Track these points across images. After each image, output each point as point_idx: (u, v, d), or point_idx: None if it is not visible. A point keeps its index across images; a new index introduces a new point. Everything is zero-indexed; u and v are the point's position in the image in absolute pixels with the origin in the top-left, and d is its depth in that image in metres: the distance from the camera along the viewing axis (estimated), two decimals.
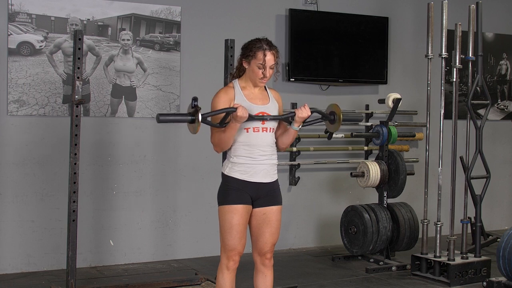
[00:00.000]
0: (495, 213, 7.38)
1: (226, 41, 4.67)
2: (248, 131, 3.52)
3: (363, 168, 5.73)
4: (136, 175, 5.63)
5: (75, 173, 4.32)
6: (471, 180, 5.38)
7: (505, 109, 7.45)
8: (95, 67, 5.44)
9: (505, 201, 7.50)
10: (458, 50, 5.31)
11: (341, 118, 3.66)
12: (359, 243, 5.59)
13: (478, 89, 5.41)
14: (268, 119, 3.55)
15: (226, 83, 4.52)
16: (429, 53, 5.37)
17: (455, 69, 5.31)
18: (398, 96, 5.78)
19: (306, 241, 6.40)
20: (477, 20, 5.38)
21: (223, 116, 3.44)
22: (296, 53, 6.07)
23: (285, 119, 3.64)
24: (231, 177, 3.54)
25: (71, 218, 4.32)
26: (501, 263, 4.57)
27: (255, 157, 3.53)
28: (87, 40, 5.37)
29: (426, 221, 5.40)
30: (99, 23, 5.44)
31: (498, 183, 7.24)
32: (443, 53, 5.26)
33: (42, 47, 5.25)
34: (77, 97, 4.28)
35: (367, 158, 6.55)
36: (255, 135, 3.53)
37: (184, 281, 4.91)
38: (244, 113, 3.38)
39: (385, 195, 5.75)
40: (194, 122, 3.36)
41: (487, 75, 7.25)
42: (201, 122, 3.34)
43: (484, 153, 5.43)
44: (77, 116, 4.29)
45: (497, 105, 7.39)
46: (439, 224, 5.28)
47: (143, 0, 5.59)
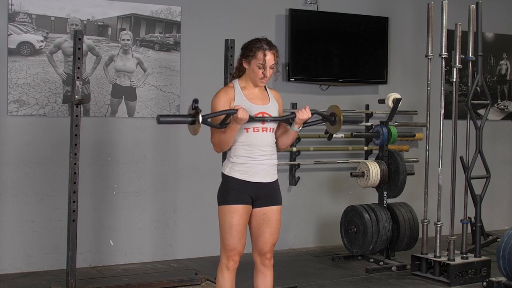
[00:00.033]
0: (495, 213, 7.38)
1: (226, 41, 4.67)
2: (248, 131, 3.52)
3: (363, 168, 5.73)
4: (136, 175, 5.63)
5: (75, 173, 4.32)
6: (471, 180, 5.38)
7: (505, 109, 7.45)
8: (95, 67, 5.44)
9: (505, 201, 7.50)
10: (458, 50, 5.31)
11: (341, 119, 3.66)
12: (359, 243, 5.59)
13: (478, 89, 5.41)
14: (268, 120, 3.55)
15: (226, 83, 4.52)
16: (429, 53, 5.37)
17: (455, 69, 5.31)
18: (398, 96, 5.78)
19: (306, 241, 6.40)
20: (477, 20, 5.38)
21: (223, 117, 3.44)
22: (296, 53, 6.07)
23: (286, 120, 3.64)
24: (231, 177, 3.54)
25: (71, 218, 4.32)
26: (501, 263, 4.57)
27: (255, 157, 3.53)
28: (87, 40, 5.37)
29: (426, 221, 5.40)
30: (99, 23, 5.44)
31: (498, 183, 7.24)
32: (443, 53, 5.26)
33: (42, 47, 5.25)
34: (77, 97, 4.28)
35: (367, 158, 6.55)
36: (255, 135, 3.53)
37: (184, 281, 4.91)
38: (244, 115, 3.38)
39: (385, 195, 5.75)
40: (194, 123, 3.35)
41: (487, 75, 7.25)
42: (201, 123, 3.34)
43: (484, 153, 5.43)
44: (77, 116, 4.30)
45: (497, 105, 7.38)
46: (439, 224, 5.28)
47: (143, 0, 5.59)
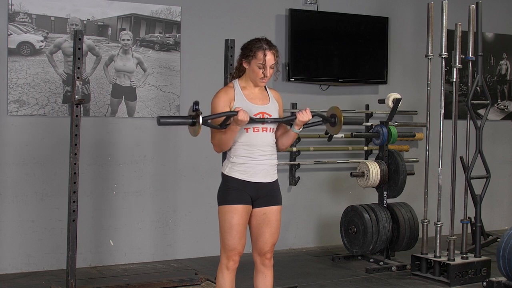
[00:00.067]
0: (495, 213, 7.38)
1: (226, 41, 4.67)
2: (248, 131, 3.52)
3: (363, 168, 5.73)
4: (136, 175, 5.63)
5: (75, 173, 4.32)
6: (471, 180, 5.38)
7: (505, 109, 7.45)
8: (95, 67, 5.44)
9: (505, 201, 7.50)
10: (458, 50, 5.31)
11: (342, 121, 3.66)
12: (359, 243, 5.59)
13: (478, 89, 5.41)
14: (269, 121, 3.55)
15: (226, 83, 4.52)
16: (429, 53, 5.37)
17: (455, 69, 5.31)
18: (398, 96, 5.78)
19: (306, 241, 6.40)
20: (477, 20, 5.38)
21: (224, 118, 3.44)
22: (296, 53, 6.07)
23: (286, 122, 3.64)
24: (231, 177, 3.54)
25: (71, 218, 4.32)
26: (501, 263, 4.57)
27: (255, 157, 3.53)
28: (87, 40, 5.37)
29: (426, 221, 5.40)
30: (99, 23, 5.44)
31: (498, 183, 7.24)
32: (443, 53, 5.26)
33: (42, 47, 5.25)
34: (77, 97, 4.28)
35: (367, 158, 6.55)
36: (255, 135, 3.53)
37: (184, 281, 4.91)
38: (245, 117, 3.37)
39: (385, 195, 5.75)
40: (194, 125, 3.36)
41: (487, 75, 7.25)
42: (202, 124, 3.34)
43: (484, 153, 5.43)
44: (77, 116, 4.30)
45: (497, 105, 7.38)
46: (439, 224, 5.27)
47: (143, 0, 5.59)
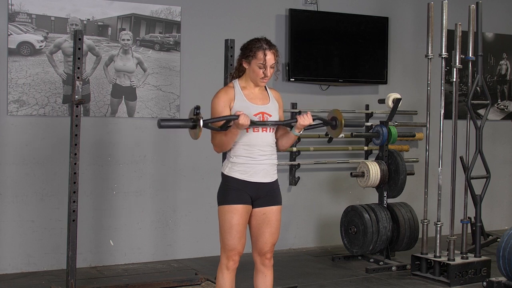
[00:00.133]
0: (495, 213, 7.38)
1: (226, 41, 4.67)
2: (248, 131, 3.51)
3: (363, 168, 5.73)
4: (136, 175, 5.63)
5: (75, 173, 4.32)
6: (471, 180, 5.38)
7: (505, 109, 7.45)
8: (95, 67, 5.44)
9: (505, 201, 7.50)
10: (458, 50, 5.31)
11: (343, 123, 3.66)
12: (359, 243, 5.59)
13: (478, 89, 5.41)
14: (269, 124, 3.55)
15: (226, 83, 4.52)
16: (429, 53, 5.37)
17: (455, 69, 5.31)
18: (398, 96, 5.78)
19: (306, 241, 6.40)
20: (477, 20, 5.38)
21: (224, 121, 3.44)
22: (296, 53, 6.07)
23: (287, 124, 3.64)
24: (231, 177, 3.54)
25: (71, 218, 4.32)
26: (501, 263, 4.57)
27: (255, 157, 3.53)
28: (87, 40, 5.37)
29: (426, 221, 5.40)
30: (99, 23, 5.44)
31: (498, 183, 7.24)
32: (443, 53, 5.26)
33: (42, 47, 5.25)
34: (77, 97, 4.28)
35: (367, 158, 6.55)
36: (255, 135, 3.53)
37: (184, 281, 4.91)
38: (246, 121, 3.37)
39: (385, 195, 5.75)
40: (195, 128, 3.36)
41: (487, 75, 7.25)
42: (203, 127, 3.34)
43: (484, 153, 5.43)
44: (77, 116, 4.30)
45: (497, 105, 7.38)
46: (439, 224, 5.27)
47: (143, 0, 5.59)
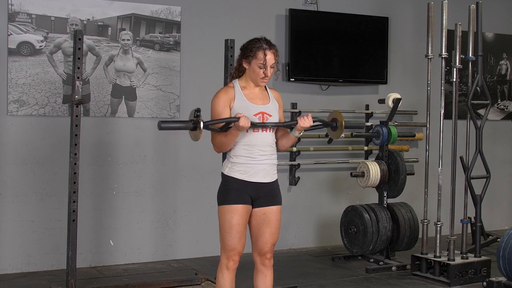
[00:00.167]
0: (495, 213, 7.38)
1: (226, 41, 4.67)
2: (248, 131, 3.51)
3: (363, 168, 5.73)
4: (136, 175, 5.63)
5: (75, 173, 4.32)
6: (471, 180, 5.38)
7: (505, 109, 7.45)
8: (95, 67, 5.44)
9: (505, 201, 7.50)
10: (458, 50, 5.31)
11: (343, 125, 3.65)
12: (359, 243, 5.59)
13: (478, 89, 5.41)
14: (270, 126, 3.55)
15: (226, 83, 4.52)
16: (429, 53, 5.37)
17: (455, 69, 5.31)
18: (398, 96, 5.78)
19: (306, 241, 6.40)
20: (477, 20, 5.38)
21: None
22: (296, 53, 6.07)
23: (287, 126, 3.64)
24: (231, 177, 3.54)
25: (71, 218, 4.32)
26: (501, 263, 4.57)
27: (255, 157, 3.53)
28: (87, 40, 5.37)
29: (426, 221, 5.40)
30: (99, 23, 5.44)
31: (498, 183, 7.24)
32: (443, 53, 5.26)
33: (42, 47, 5.25)
34: (77, 97, 4.28)
35: (367, 158, 6.55)
36: (255, 135, 3.53)
37: (184, 281, 4.91)
38: (246, 123, 3.37)
39: (385, 195, 5.75)
40: (195, 129, 3.36)
41: (487, 75, 7.25)
42: (203, 128, 3.34)
43: (484, 153, 5.43)
44: (77, 116, 4.30)
45: (497, 105, 7.38)
46: (439, 224, 5.27)
47: (143, 0, 5.59)
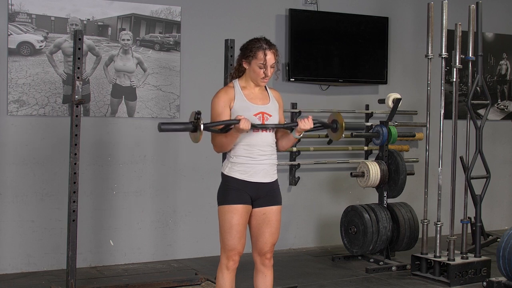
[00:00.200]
0: (495, 213, 7.38)
1: (226, 41, 4.67)
2: (248, 131, 3.51)
3: (363, 168, 5.73)
4: (136, 175, 5.63)
5: (75, 173, 4.32)
6: (471, 180, 5.38)
7: (505, 109, 7.45)
8: (95, 67, 5.44)
9: (505, 201, 7.50)
10: (458, 50, 5.31)
11: (343, 127, 3.66)
12: (359, 243, 5.59)
13: (478, 89, 5.41)
14: (270, 128, 3.55)
15: (226, 83, 4.52)
16: (429, 53, 5.37)
17: (455, 69, 5.31)
18: (398, 96, 5.77)
19: (306, 241, 6.40)
20: (477, 20, 5.38)
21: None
22: (296, 53, 6.07)
23: (287, 127, 3.64)
24: (231, 177, 3.54)
25: (71, 218, 4.32)
26: (501, 263, 4.57)
27: (255, 157, 3.53)
28: (87, 40, 5.37)
29: (426, 221, 5.40)
30: (99, 23, 5.44)
31: (498, 183, 7.24)
32: (443, 53, 5.26)
33: (42, 47, 5.25)
34: (77, 97, 4.28)
35: (367, 158, 6.55)
36: (255, 135, 3.53)
37: (184, 281, 4.91)
38: (246, 126, 3.37)
39: (385, 195, 5.75)
40: (196, 131, 3.36)
41: (487, 75, 7.25)
42: (203, 130, 3.34)
43: (484, 153, 5.43)
44: (77, 116, 4.30)
45: (497, 105, 7.38)
46: (439, 224, 5.27)
47: (143, 0, 5.59)
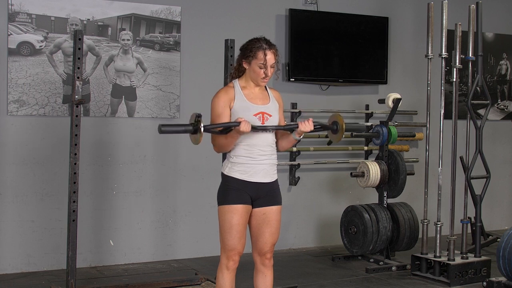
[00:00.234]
0: (495, 213, 7.38)
1: (226, 41, 4.67)
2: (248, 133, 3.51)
3: (363, 168, 5.73)
4: (136, 175, 5.63)
5: (75, 173, 4.32)
6: (471, 180, 5.38)
7: (505, 109, 7.45)
8: (95, 67, 5.44)
9: (505, 201, 7.50)
10: (458, 50, 5.31)
11: (343, 128, 3.66)
12: (359, 243, 5.59)
13: (478, 89, 5.41)
14: (270, 129, 3.55)
15: (226, 83, 4.52)
16: (429, 53, 5.37)
17: (455, 69, 5.31)
18: (398, 96, 5.78)
19: (306, 241, 6.40)
20: (477, 20, 5.38)
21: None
22: (296, 53, 6.07)
23: (287, 129, 3.65)
24: (231, 177, 3.54)
25: (71, 218, 4.32)
26: (501, 263, 4.57)
27: (255, 157, 3.53)
28: (87, 40, 5.37)
29: (426, 221, 5.40)
30: (99, 23, 5.44)
31: (498, 183, 7.24)
32: (443, 53, 5.26)
33: (42, 47, 5.25)
34: (77, 97, 4.28)
35: (367, 158, 6.55)
36: (255, 135, 3.52)
37: (184, 281, 4.91)
38: (247, 128, 3.37)
39: (385, 195, 5.75)
40: (196, 133, 3.36)
41: (487, 75, 7.25)
42: (204, 132, 3.34)
43: (484, 153, 5.43)
44: (77, 116, 4.30)
45: (497, 105, 7.38)
46: (439, 224, 5.27)
47: (143, 0, 5.59)
